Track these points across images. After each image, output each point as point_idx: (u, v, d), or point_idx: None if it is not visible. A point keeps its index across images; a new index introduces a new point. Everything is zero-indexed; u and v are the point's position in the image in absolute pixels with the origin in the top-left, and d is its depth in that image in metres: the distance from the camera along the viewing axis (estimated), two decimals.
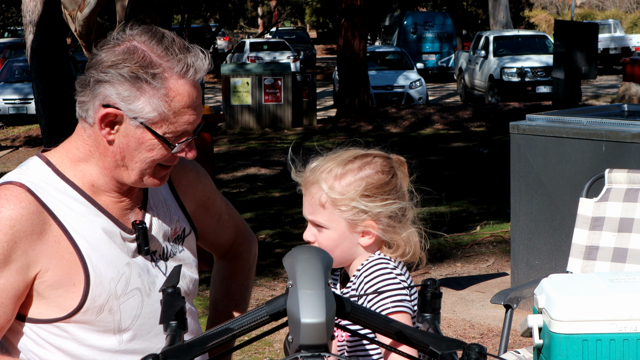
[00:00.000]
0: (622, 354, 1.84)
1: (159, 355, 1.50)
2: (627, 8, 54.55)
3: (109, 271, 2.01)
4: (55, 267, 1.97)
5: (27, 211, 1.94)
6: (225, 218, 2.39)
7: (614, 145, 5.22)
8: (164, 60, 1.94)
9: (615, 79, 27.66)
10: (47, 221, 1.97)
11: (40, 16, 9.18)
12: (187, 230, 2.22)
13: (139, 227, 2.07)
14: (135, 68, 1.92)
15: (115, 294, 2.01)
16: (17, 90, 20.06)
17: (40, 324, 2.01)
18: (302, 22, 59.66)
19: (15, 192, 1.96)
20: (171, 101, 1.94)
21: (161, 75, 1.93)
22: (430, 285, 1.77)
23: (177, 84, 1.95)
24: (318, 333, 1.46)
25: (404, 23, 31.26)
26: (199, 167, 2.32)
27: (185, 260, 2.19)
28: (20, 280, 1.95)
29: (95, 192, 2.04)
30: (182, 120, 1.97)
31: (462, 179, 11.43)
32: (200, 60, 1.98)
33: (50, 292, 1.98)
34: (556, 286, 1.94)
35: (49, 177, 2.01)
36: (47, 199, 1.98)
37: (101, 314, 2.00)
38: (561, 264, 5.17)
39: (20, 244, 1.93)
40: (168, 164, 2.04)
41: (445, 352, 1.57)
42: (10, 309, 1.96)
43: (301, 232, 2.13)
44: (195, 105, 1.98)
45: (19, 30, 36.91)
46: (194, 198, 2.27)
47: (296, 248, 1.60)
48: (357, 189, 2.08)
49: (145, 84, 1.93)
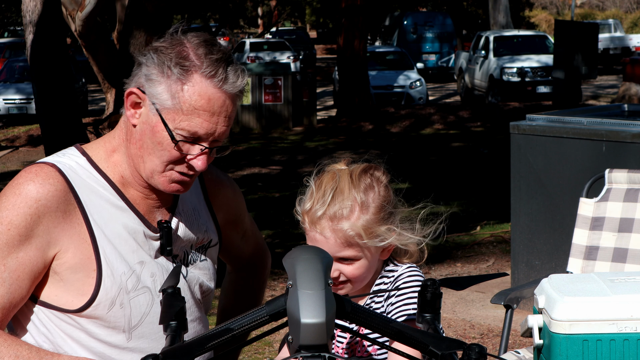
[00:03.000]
0: (622, 354, 1.84)
1: (159, 355, 1.50)
2: (627, 8, 54.55)
3: (120, 265, 2.02)
4: (76, 249, 1.99)
5: (54, 188, 1.97)
6: (249, 234, 2.43)
7: (614, 145, 5.22)
8: (199, 60, 1.96)
9: (615, 79, 27.66)
10: (72, 203, 1.99)
11: (40, 16, 9.18)
12: (214, 241, 2.23)
13: (164, 226, 2.08)
14: (168, 57, 1.95)
15: (125, 289, 2.02)
16: (17, 90, 20.06)
17: (54, 310, 2.02)
18: (302, 22, 59.66)
19: (46, 169, 1.99)
20: (188, 96, 1.95)
21: (188, 69, 1.95)
22: (430, 286, 1.76)
23: (200, 82, 1.95)
24: (318, 333, 1.46)
25: (404, 23, 31.27)
26: (236, 186, 2.35)
27: (204, 270, 2.21)
28: (40, 258, 1.97)
29: (124, 185, 2.06)
30: (196, 122, 1.96)
31: (462, 179, 11.43)
32: (234, 74, 1.98)
33: (69, 275, 1.99)
34: (556, 286, 1.94)
35: (82, 165, 2.04)
36: (76, 183, 2.01)
37: (113, 308, 2.01)
38: (561, 264, 5.17)
39: (43, 219, 1.95)
40: (183, 171, 2.02)
41: (445, 352, 1.56)
42: (26, 285, 1.97)
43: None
44: (214, 112, 1.96)
45: (19, 30, 36.93)
46: (227, 213, 2.29)
47: (296, 248, 1.60)
48: (378, 212, 2.07)
49: (170, 72, 1.95)
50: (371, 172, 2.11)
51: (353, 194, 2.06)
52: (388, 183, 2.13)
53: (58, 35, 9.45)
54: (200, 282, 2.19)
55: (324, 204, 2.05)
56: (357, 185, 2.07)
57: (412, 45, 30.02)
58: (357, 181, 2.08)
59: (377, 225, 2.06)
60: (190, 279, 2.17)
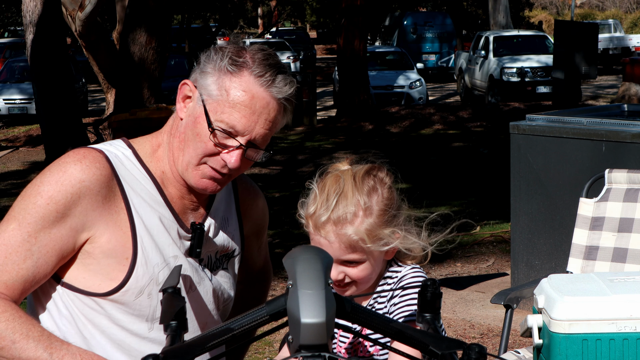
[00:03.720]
0: (622, 353, 1.84)
1: (159, 355, 1.50)
2: (627, 8, 54.55)
3: (155, 256, 2.04)
4: (112, 235, 2.00)
5: (99, 172, 2.00)
6: (263, 246, 2.46)
7: (614, 145, 5.23)
8: (252, 60, 2.00)
9: (615, 79, 27.66)
10: (114, 189, 2.02)
11: (40, 16, 9.19)
12: (237, 252, 2.25)
13: (197, 227, 2.10)
14: (226, 54, 2.01)
15: (157, 280, 2.04)
16: (17, 91, 20.06)
17: (78, 293, 2.03)
18: (302, 22, 59.65)
19: (93, 153, 2.03)
20: (233, 89, 1.98)
21: (240, 65, 1.99)
22: (430, 285, 1.77)
23: (247, 79, 1.99)
24: (318, 333, 1.46)
25: (404, 23, 31.27)
26: (263, 196, 2.38)
27: (225, 278, 2.22)
28: (71, 238, 1.98)
29: (164, 182, 2.09)
30: (235, 116, 1.98)
31: (462, 179, 11.43)
32: (284, 80, 2.01)
33: (102, 259, 2.00)
34: (556, 286, 1.94)
35: (127, 156, 2.08)
36: (120, 172, 2.04)
37: (140, 297, 2.03)
38: (561, 264, 5.17)
39: (83, 201, 1.98)
40: (216, 167, 2.03)
41: (445, 352, 1.57)
42: (52, 262, 1.99)
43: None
44: (255, 111, 1.98)
45: (19, 31, 36.93)
46: (254, 225, 2.32)
47: (296, 248, 1.60)
48: (382, 216, 2.06)
49: (223, 66, 1.99)
50: (374, 173, 2.11)
51: (356, 197, 2.05)
52: (392, 184, 2.13)
53: (58, 35, 9.46)
54: (223, 289, 2.21)
55: (328, 208, 2.04)
56: (360, 189, 2.06)
57: (412, 45, 30.02)
58: (361, 184, 2.07)
59: (381, 229, 2.06)
60: (216, 284, 2.19)
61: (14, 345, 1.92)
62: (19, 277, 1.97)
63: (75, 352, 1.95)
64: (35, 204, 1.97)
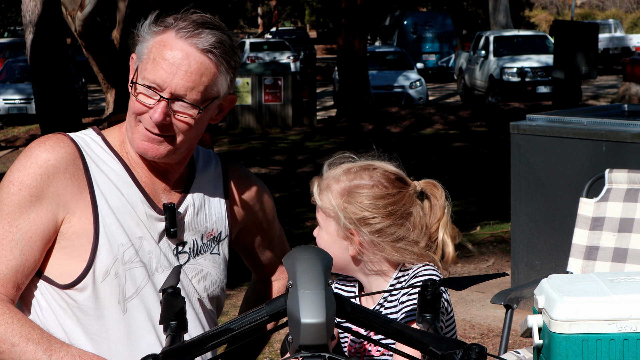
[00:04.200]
0: (622, 354, 1.84)
1: (159, 355, 1.50)
2: (627, 8, 54.55)
3: (120, 236, 2.04)
4: (81, 214, 2.02)
5: (64, 151, 2.03)
6: (277, 244, 2.43)
7: (614, 145, 5.22)
8: (176, 20, 2.03)
9: (615, 79, 27.66)
10: (80, 169, 2.04)
11: (40, 16, 9.19)
12: (224, 234, 2.23)
13: (168, 207, 2.10)
14: (152, 20, 2.05)
15: (122, 259, 2.04)
16: (17, 91, 20.06)
17: (54, 286, 2.03)
18: (302, 22, 59.65)
19: (57, 135, 2.06)
20: (155, 47, 2.01)
21: (165, 25, 2.02)
22: (431, 286, 1.76)
23: (169, 35, 2.01)
24: (318, 333, 1.46)
25: (404, 23, 31.26)
26: (267, 191, 2.36)
27: (214, 263, 2.20)
28: (50, 220, 2.00)
29: (133, 165, 2.10)
30: (156, 71, 1.99)
31: (462, 179, 11.43)
32: (208, 34, 2.01)
33: (74, 240, 2.02)
34: (556, 286, 1.94)
35: (96, 141, 2.10)
36: (87, 153, 2.06)
37: (107, 277, 2.02)
38: (561, 264, 5.17)
39: (53, 180, 2.00)
40: (148, 127, 2.03)
41: (445, 352, 1.56)
42: (38, 247, 2.00)
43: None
44: (174, 63, 1.99)
45: (19, 30, 36.92)
46: (251, 214, 2.30)
47: (296, 248, 1.60)
48: (341, 197, 2.09)
49: (151, 30, 2.04)
50: (381, 171, 2.12)
51: (347, 175, 2.10)
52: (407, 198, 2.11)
53: (58, 35, 9.45)
54: (206, 274, 2.19)
55: (335, 165, 2.14)
56: (358, 170, 2.11)
57: (412, 45, 30.02)
58: (362, 168, 2.11)
59: (336, 208, 2.08)
60: (197, 269, 2.16)
61: (13, 348, 1.92)
62: (10, 268, 1.98)
63: (74, 354, 1.94)
64: (9, 193, 2.00)
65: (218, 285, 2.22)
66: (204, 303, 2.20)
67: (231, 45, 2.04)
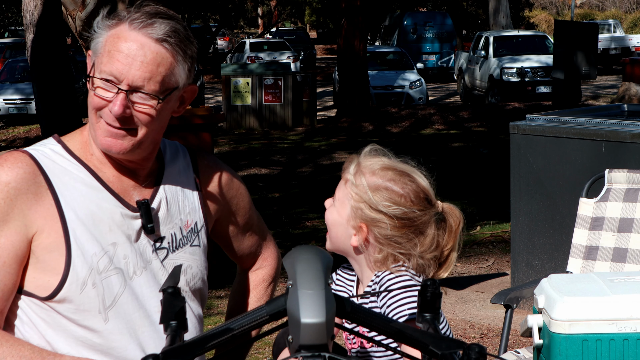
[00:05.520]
0: (622, 354, 1.84)
1: (159, 355, 1.50)
2: (627, 8, 54.56)
3: (92, 246, 2.02)
4: (50, 229, 2.00)
5: (22, 171, 2.00)
6: (256, 231, 2.42)
7: (614, 145, 5.23)
8: (129, 13, 2.02)
9: (615, 79, 27.66)
10: (42, 185, 2.01)
11: (40, 16, 9.19)
12: (200, 224, 2.22)
13: (142, 204, 2.08)
14: (105, 17, 2.04)
15: (97, 269, 2.02)
16: (17, 91, 20.07)
17: (33, 298, 2.02)
18: (302, 22, 59.66)
19: (15, 155, 2.03)
20: (110, 40, 2.00)
21: (119, 18, 2.01)
22: (430, 285, 1.76)
23: (123, 27, 2.00)
24: (318, 333, 1.46)
25: (404, 23, 31.27)
26: (238, 179, 2.35)
27: (195, 255, 2.19)
28: (21, 241, 1.99)
29: (98, 166, 2.08)
30: (110, 63, 1.98)
31: (462, 179, 11.43)
32: (162, 23, 2.00)
33: (44, 255, 2.00)
34: (556, 286, 1.94)
35: (56, 151, 2.07)
36: (47, 166, 2.03)
37: (85, 289, 2.01)
38: (561, 264, 5.17)
39: (16, 202, 1.98)
40: (109, 122, 2.01)
41: (445, 352, 1.56)
42: (14, 270, 1.99)
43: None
44: (129, 54, 1.97)
45: (19, 31, 36.93)
46: (224, 201, 2.29)
47: (296, 248, 1.60)
48: (374, 191, 2.10)
49: (104, 24, 2.02)
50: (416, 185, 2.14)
51: (389, 172, 2.12)
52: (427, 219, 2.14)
53: (58, 35, 9.45)
54: (186, 267, 2.17)
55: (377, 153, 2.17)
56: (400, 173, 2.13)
57: (412, 45, 30.02)
58: (403, 174, 2.13)
59: (363, 198, 2.10)
60: (168, 265, 2.14)
61: None
62: None
63: None
64: None
65: (199, 277, 2.21)
66: (187, 297, 2.19)
67: (186, 35, 2.03)
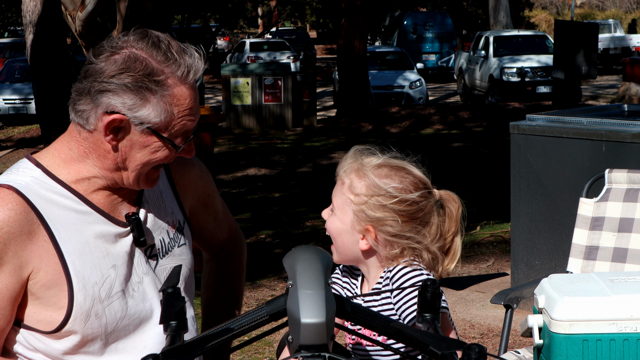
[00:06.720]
0: (622, 354, 1.84)
1: (159, 355, 1.50)
2: (627, 8, 54.56)
3: (92, 275, 2.01)
4: (47, 267, 1.97)
5: (14, 212, 1.95)
6: (221, 217, 2.42)
7: (614, 145, 5.22)
8: (165, 66, 1.96)
9: (615, 79, 27.66)
10: (34, 222, 1.97)
11: (40, 16, 9.18)
12: (182, 221, 2.23)
13: (132, 218, 2.07)
14: (139, 77, 1.94)
15: (99, 298, 2.01)
16: (17, 91, 20.06)
17: (34, 332, 2.02)
18: (302, 22, 59.64)
19: (3, 194, 1.96)
20: (175, 106, 1.98)
21: (164, 82, 1.96)
22: (430, 285, 1.76)
23: (180, 90, 1.98)
24: (318, 333, 1.46)
25: (404, 23, 31.26)
26: (202, 165, 2.34)
27: (183, 256, 2.20)
28: (15, 282, 1.96)
29: (85, 189, 2.04)
30: (185, 123, 2.01)
31: (462, 179, 11.43)
32: (197, 61, 2.01)
33: (44, 292, 1.98)
34: (556, 286, 1.94)
35: (39, 178, 2.01)
36: (36, 201, 1.98)
37: (88, 321, 2.00)
38: (561, 264, 5.17)
39: (10, 245, 1.94)
40: (156, 168, 2.06)
41: (445, 352, 1.56)
42: (8, 311, 1.97)
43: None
44: (195, 106, 2.02)
45: (19, 31, 36.92)
46: (195, 194, 2.29)
47: (296, 248, 1.60)
48: (373, 190, 2.10)
49: (150, 93, 1.95)
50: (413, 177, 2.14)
51: (382, 169, 2.12)
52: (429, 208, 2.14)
53: (58, 35, 9.45)
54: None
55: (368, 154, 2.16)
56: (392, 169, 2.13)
57: (412, 45, 30.02)
58: (396, 168, 2.13)
59: (366, 200, 2.09)
60: (159, 272, 2.15)
61: None
62: None
63: None
64: None
65: (188, 275, 2.22)
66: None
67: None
